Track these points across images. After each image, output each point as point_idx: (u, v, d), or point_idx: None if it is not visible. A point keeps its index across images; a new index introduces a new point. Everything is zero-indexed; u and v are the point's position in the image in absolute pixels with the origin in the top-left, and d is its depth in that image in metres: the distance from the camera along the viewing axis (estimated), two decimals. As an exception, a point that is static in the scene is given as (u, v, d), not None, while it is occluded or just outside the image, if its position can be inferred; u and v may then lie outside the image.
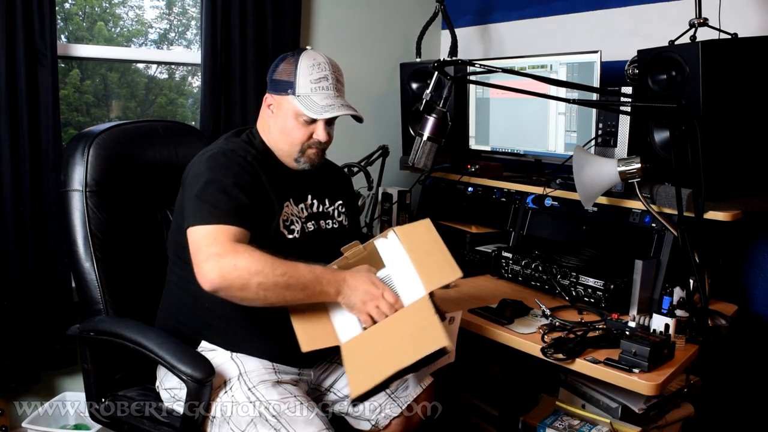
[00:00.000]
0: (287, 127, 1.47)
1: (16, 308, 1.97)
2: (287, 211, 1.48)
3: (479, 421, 2.22)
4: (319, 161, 1.53)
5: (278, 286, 1.26)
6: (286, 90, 1.45)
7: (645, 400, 1.64)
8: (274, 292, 1.26)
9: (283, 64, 1.48)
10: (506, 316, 1.60)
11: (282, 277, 1.26)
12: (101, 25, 2.34)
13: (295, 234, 1.47)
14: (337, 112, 1.43)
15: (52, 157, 1.96)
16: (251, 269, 1.24)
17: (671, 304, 1.56)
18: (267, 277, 1.24)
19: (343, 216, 1.64)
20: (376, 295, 1.34)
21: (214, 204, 1.32)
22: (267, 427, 1.30)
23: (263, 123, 1.54)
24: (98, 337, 1.48)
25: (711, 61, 1.52)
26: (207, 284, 1.24)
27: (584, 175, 1.65)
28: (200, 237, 1.29)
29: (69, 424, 2.14)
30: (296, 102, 1.43)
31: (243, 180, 1.38)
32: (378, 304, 1.33)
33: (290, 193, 1.51)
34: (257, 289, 1.25)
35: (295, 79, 1.44)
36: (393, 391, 1.58)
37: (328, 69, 1.46)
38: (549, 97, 1.83)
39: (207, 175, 1.37)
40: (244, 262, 1.24)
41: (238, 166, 1.40)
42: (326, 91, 1.45)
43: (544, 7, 2.48)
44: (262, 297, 1.26)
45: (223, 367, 1.41)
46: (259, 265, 1.24)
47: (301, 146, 1.48)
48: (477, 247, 2.22)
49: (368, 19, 2.71)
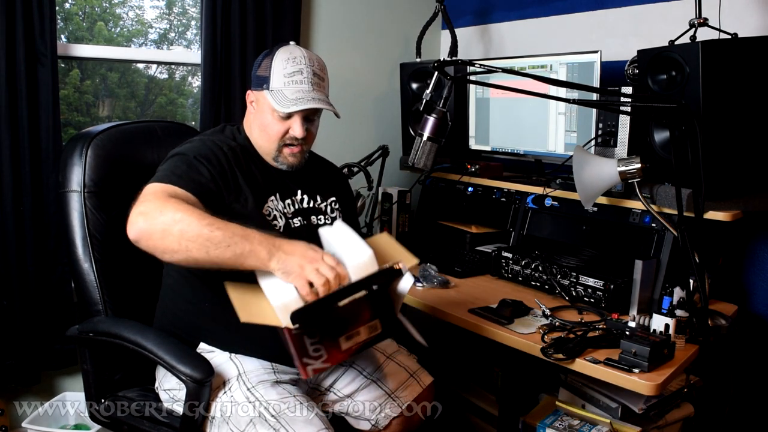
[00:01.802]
0: (264, 122, 1.46)
1: (16, 308, 1.97)
2: (270, 205, 1.46)
3: (479, 421, 2.22)
4: (298, 163, 1.51)
5: (202, 238, 1.16)
6: (262, 85, 1.45)
7: (645, 400, 1.64)
8: (196, 243, 1.16)
9: (265, 59, 1.48)
10: (506, 316, 1.60)
11: (207, 227, 1.16)
12: (101, 25, 2.34)
13: (278, 229, 1.45)
14: (305, 105, 1.41)
15: (51, 157, 1.96)
16: (176, 216, 1.17)
17: (671, 304, 1.55)
18: (191, 225, 1.16)
19: (338, 212, 1.63)
20: (315, 258, 1.19)
21: (171, 170, 1.33)
22: (266, 427, 1.30)
23: (247, 120, 1.55)
24: (97, 337, 1.48)
25: (711, 61, 1.52)
26: (131, 230, 1.19)
27: (584, 175, 1.65)
28: (144, 191, 1.26)
29: (69, 424, 2.14)
30: (269, 96, 1.43)
31: (208, 158, 1.38)
32: (318, 266, 1.18)
33: (275, 188, 1.49)
34: (179, 238, 1.16)
35: (269, 74, 1.44)
36: (393, 391, 1.58)
37: (304, 63, 1.44)
38: (549, 97, 1.83)
39: (176, 150, 1.41)
40: (170, 208, 1.18)
41: (208, 149, 1.41)
42: (299, 85, 1.43)
43: (544, 7, 2.47)
44: (184, 248, 1.16)
45: (222, 367, 1.41)
46: (185, 212, 1.18)
47: (278, 143, 1.47)
48: (477, 247, 2.22)
49: (368, 19, 2.71)
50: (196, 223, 1.17)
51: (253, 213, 1.41)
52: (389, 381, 1.60)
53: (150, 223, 1.18)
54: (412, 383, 1.61)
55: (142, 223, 1.19)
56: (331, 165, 1.75)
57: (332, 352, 1.20)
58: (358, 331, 1.22)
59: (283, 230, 1.46)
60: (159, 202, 1.21)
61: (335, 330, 1.20)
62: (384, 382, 1.59)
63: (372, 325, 1.24)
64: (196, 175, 1.34)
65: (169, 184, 1.28)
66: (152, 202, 1.22)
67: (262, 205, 1.45)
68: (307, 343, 1.17)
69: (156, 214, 1.19)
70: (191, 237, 1.16)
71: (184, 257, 1.18)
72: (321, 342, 1.18)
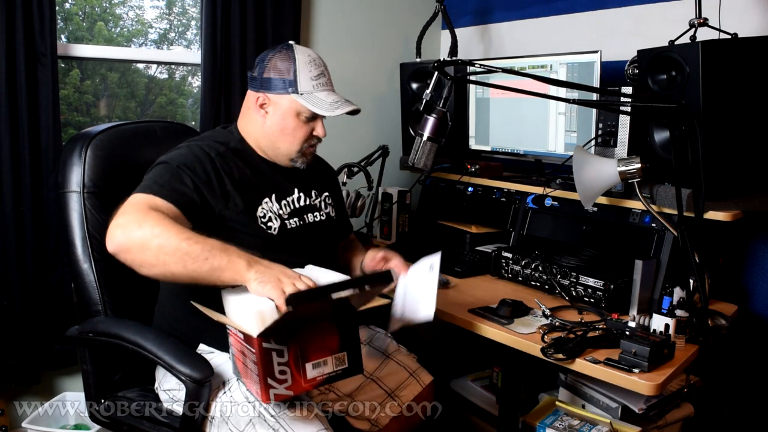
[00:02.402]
0: (288, 126, 1.46)
1: (16, 308, 1.97)
2: (265, 207, 1.46)
3: (479, 421, 2.22)
4: (313, 159, 1.55)
5: (180, 252, 1.16)
6: (287, 89, 1.44)
7: (645, 400, 1.64)
8: (174, 257, 1.16)
9: (274, 60, 1.45)
10: (506, 316, 1.60)
11: (185, 241, 1.17)
12: (101, 25, 2.34)
13: (273, 231, 1.45)
14: (346, 108, 1.45)
15: (51, 157, 1.96)
16: (155, 230, 1.17)
17: (671, 304, 1.55)
18: (169, 239, 1.16)
19: (330, 207, 1.64)
20: (292, 275, 1.21)
21: (153, 179, 1.33)
22: (266, 427, 1.30)
23: (249, 122, 1.52)
24: (97, 338, 1.48)
25: (711, 61, 1.52)
26: (109, 243, 1.20)
27: (584, 175, 1.65)
28: (125, 202, 1.26)
29: (69, 424, 2.14)
30: (301, 100, 1.43)
31: (192, 168, 1.37)
32: (294, 282, 1.18)
33: (270, 189, 1.49)
34: (157, 252, 1.16)
35: (295, 78, 1.43)
36: (392, 390, 1.58)
37: (322, 64, 1.48)
38: (549, 97, 1.83)
39: (161, 158, 1.41)
40: (149, 222, 1.18)
41: (194, 156, 1.40)
42: (327, 88, 1.46)
43: (543, 7, 2.47)
44: (161, 262, 1.16)
45: (222, 367, 1.41)
46: (164, 226, 1.18)
47: (301, 145, 1.48)
48: (477, 247, 2.22)
49: (368, 19, 2.71)
50: (174, 237, 1.17)
51: (243, 218, 1.41)
52: (389, 380, 1.60)
53: (128, 236, 1.19)
54: (412, 382, 1.61)
55: (119, 236, 1.19)
56: (322, 160, 1.76)
57: (297, 379, 1.20)
58: (325, 360, 1.24)
59: (278, 232, 1.46)
60: (138, 215, 1.21)
61: (303, 352, 1.20)
62: (384, 382, 1.59)
63: (339, 357, 1.25)
64: (179, 186, 1.33)
65: (151, 194, 1.28)
66: (131, 214, 1.22)
67: (255, 208, 1.44)
68: (275, 362, 1.17)
69: (134, 227, 1.19)
70: (169, 251, 1.16)
71: (161, 271, 1.19)
72: (288, 364, 1.18)
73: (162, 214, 1.23)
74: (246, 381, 1.26)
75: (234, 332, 1.26)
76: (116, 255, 1.21)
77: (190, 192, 1.34)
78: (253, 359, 1.17)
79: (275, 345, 1.16)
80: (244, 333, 1.19)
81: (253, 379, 1.20)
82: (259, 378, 1.17)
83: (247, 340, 1.19)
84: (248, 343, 1.19)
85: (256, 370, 1.17)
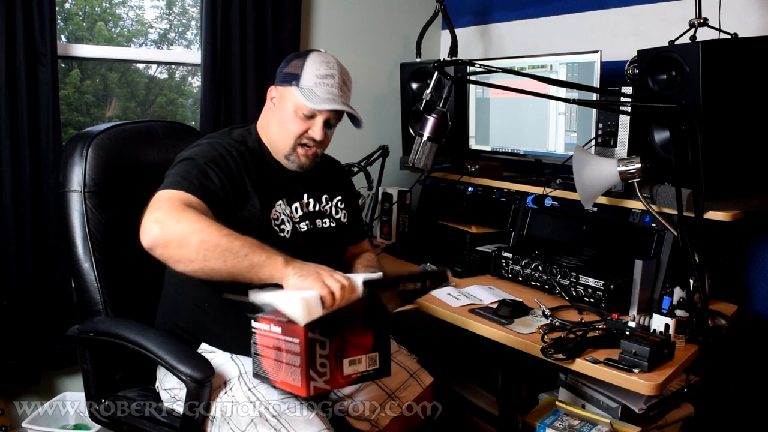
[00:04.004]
0: (285, 118, 1.47)
1: (16, 308, 1.97)
2: (278, 210, 1.47)
3: (479, 421, 2.22)
4: (309, 164, 1.52)
5: (221, 248, 1.17)
6: (291, 81, 1.46)
7: (645, 400, 1.64)
8: (215, 252, 1.17)
9: (296, 59, 1.49)
10: (506, 316, 1.60)
11: (226, 237, 1.18)
12: (101, 25, 2.34)
13: (286, 234, 1.46)
14: (335, 106, 1.44)
15: (51, 157, 1.96)
16: (195, 226, 1.19)
17: (671, 304, 1.56)
18: (210, 235, 1.18)
19: (342, 213, 1.64)
20: (328, 269, 1.23)
21: (182, 175, 1.33)
22: (267, 427, 1.30)
23: (264, 118, 1.55)
24: (98, 337, 1.48)
25: (711, 61, 1.52)
26: (145, 238, 1.19)
27: (584, 175, 1.65)
28: (156, 197, 1.27)
29: (69, 424, 2.14)
30: (298, 93, 1.44)
31: (218, 164, 1.38)
32: (332, 274, 1.22)
33: (283, 192, 1.50)
34: (198, 247, 1.17)
35: (301, 72, 1.45)
36: (393, 391, 1.58)
37: (336, 69, 1.48)
38: (549, 97, 1.83)
39: (185, 154, 1.41)
40: (188, 218, 1.20)
41: (218, 153, 1.41)
42: (330, 87, 1.46)
43: (544, 7, 2.47)
44: (202, 257, 1.17)
45: (223, 367, 1.41)
46: (203, 222, 1.20)
47: (294, 141, 1.48)
48: (477, 247, 2.22)
49: (368, 19, 2.71)
50: (215, 233, 1.18)
51: (258, 219, 1.42)
52: (389, 381, 1.60)
53: (166, 231, 1.19)
54: (413, 383, 1.61)
55: (157, 231, 1.19)
56: (336, 162, 1.76)
57: (335, 374, 1.22)
58: (360, 359, 1.27)
59: (290, 234, 1.47)
60: (175, 211, 1.22)
61: (342, 347, 1.23)
62: (384, 382, 1.59)
63: (372, 357, 1.29)
64: (206, 182, 1.34)
65: (182, 191, 1.29)
66: (167, 210, 1.22)
67: (270, 210, 1.45)
68: (317, 354, 1.19)
69: (172, 222, 1.20)
70: (209, 247, 1.18)
71: (200, 266, 1.19)
72: (328, 357, 1.20)
73: (197, 209, 1.24)
74: (277, 378, 1.25)
75: (264, 330, 1.26)
76: (152, 250, 1.20)
77: (217, 189, 1.35)
78: (296, 350, 1.17)
79: (319, 336, 1.18)
80: (284, 325, 1.20)
81: (290, 373, 1.20)
82: (301, 369, 1.17)
83: (288, 331, 1.19)
84: (290, 335, 1.19)
85: (298, 361, 1.17)
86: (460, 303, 1.72)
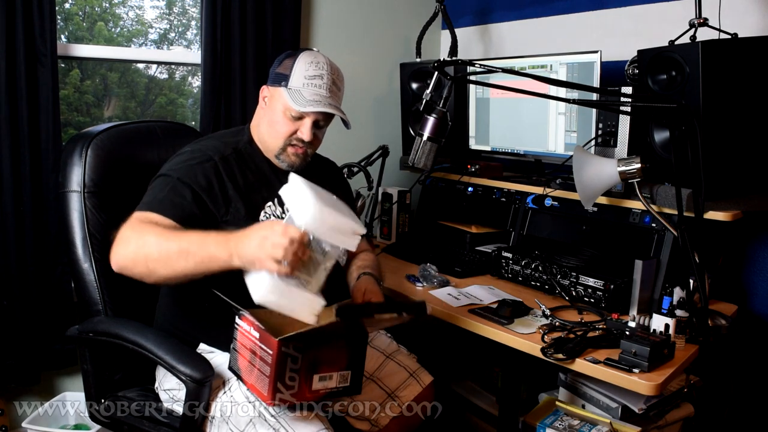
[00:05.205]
0: (274, 119, 1.47)
1: (16, 308, 1.97)
2: (268, 211, 1.47)
3: (479, 421, 2.22)
4: (300, 163, 1.51)
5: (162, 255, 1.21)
6: (281, 82, 1.45)
7: (645, 400, 1.64)
8: (159, 263, 1.21)
9: (287, 59, 1.48)
10: (506, 316, 1.60)
11: (163, 243, 1.21)
12: (101, 25, 2.34)
13: None
14: (320, 108, 1.42)
15: (52, 157, 1.96)
16: (138, 243, 1.23)
17: (671, 304, 1.55)
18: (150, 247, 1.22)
19: None
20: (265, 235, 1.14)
21: (154, 194, 1.36)
22: (266, 427, 1.30)
23: (256, 117, 1.55)
24: (97, 338, 1.48)
25: (711, 61, 1.52)
26: (113, 266, 1.26)
27: (584, 175, 1.65)
28: (126, 221, 1.29)
29: (69, 424, 2.14)
30: (286, 94, 1.43)
31: (194, 179, 1.39)
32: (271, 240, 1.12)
33: (273, 193, 1.49)
34: (146, 262, 1.22)
35: (290, 72, 1.44)
36: (393, 390, 1.58)
37: (326, 69, 1.46)
38: (549, 97, 1.83)
39: (162, 170, 1.43)
40: (135, 236, 1.25)
41: (196, 164, 1.41)
42: (317, 89, 1.44)
43: (544, 7, 2.47)
44: (151, 270, 1.22)
45: (222, 367, 1.41)
46: (146, 237, 1.23)
47: (284, 141, 1.47)
48: (477, 247, 2.22)
49: (368, 19, 2.71)
50: (153, 243, 1.22)
51: (245, 223, 1.40)
52: (389, 381, 1.60)
53: (122, 255, 1.25)
54: (412, 383, 1.61)
55: (116, 257, 1.25)
56: (330, 162, 1.75)
57: (303, 388, 1.23)
58: (331, 375, 1.27)
59: None
60: (129, 232, 1.26)
61: (315, 363, 1.23)
62: (384, 382, 1.59)
63: (344, 375, 1.29)
64: (178, 199, 1.36)
65: (149, 211, 1.32)
66: (124, 232, 1.26)
67: (258, 212, 1.45)
68: (288, 368, 1.19)
69: (123, 246, 1.25)
70: (153, 258, 1.22)
71: (157, 279, 1.24)
72: (299, 372, 1.21)
73: (152, 225, 1.26)
74: (248, 380, 1.26)
75: (245, 330, 1.26)
76: (121, 273, 1.26)
77: (189, 205, 1.36)
78: (268, 360, 1.18)
79: (293, 351, 1.19)
80: (261, 333, 1.20)
81: (259, 379, 1.21)
82: (270, 380, 1.18)
83: (264, 340, 1.19)
84: (265, 344, 1.19)
85: (268, 371, 1.18)
86: (460, 303, 1.72)
